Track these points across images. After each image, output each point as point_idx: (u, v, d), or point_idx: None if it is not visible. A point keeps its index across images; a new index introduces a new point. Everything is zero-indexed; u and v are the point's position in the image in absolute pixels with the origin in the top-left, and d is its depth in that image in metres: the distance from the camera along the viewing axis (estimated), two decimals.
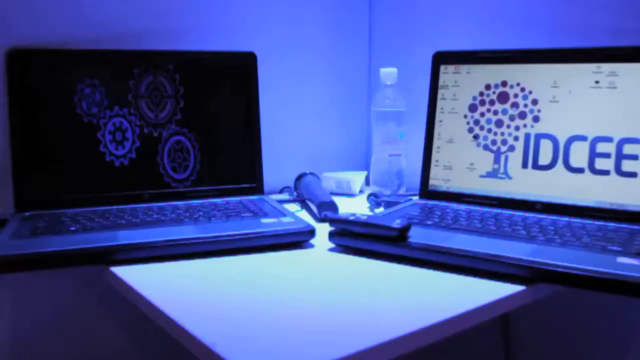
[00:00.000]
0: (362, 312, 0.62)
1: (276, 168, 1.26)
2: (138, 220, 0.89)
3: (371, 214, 1.01)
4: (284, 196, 1.18)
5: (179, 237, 0.80)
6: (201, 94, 1.07)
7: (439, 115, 1.06)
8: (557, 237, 0.80)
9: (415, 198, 1.06)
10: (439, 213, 0.94)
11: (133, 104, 1.02)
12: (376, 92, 1.23)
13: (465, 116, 1.03)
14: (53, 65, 0.97)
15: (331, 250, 0.84)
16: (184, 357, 0.68)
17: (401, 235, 0.78)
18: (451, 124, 1.04)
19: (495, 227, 0.85)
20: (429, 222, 0.88)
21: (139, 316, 0.86)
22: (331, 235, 0.83)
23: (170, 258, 0.78)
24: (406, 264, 0.77)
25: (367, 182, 1.29)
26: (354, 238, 0.81)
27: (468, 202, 1.01)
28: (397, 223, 0.78)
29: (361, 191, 1.27)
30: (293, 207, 1.11)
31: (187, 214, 0.93)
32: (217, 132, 1.08)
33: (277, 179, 1.25)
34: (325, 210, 1.00)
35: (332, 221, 0.83)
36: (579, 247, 0.75)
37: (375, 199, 1.09)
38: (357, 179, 1.25)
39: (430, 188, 1.06)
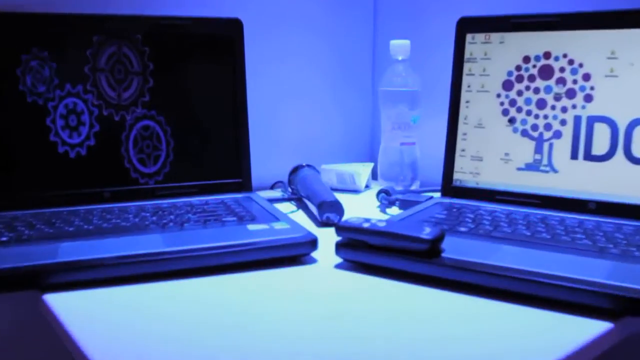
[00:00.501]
0: (377, 351, 0.43)
1: (266, 159, 1.07)
2: (91, 227, 0.70)
3: (386, 216, 0.82)
4: (276, 193, 0.99)
5: (138, 253, 0.61)
6: (175, 70, 0.87)
7: (465, 95, 0.87)
8: (633, 248, 0.61)
9: (437, 196, 0.88)
10: (471, 216, 0.75)
11: (90, 79, 0.83)
12: (384, 69, 1.03)
13: (499, 95, 0.84)
14: None
15: (338, 267, 0.65)
16: None
17: (433, 248, 0.59)
18: (481, 105, 0.85)
19: (549, 235, 0.66)
20: (462, 229, 0.69)
21: None
22: (339, 247, 0.64)
23: (124, 280, 0.59)
24: (440, 287, 0.58)
25: (373, 175, 1.10)
26: (369, 252, 0.62)
27: (503, 202, 0.82)
28: (427, 232, 0.59)
29: (367, 186, 1.08)
30: (287, 207, 0.92)
31: (155, 218, 0.73)
32: (194, 117, 0.88)
33: (268, 172, 1.06)
34: (328, 211, 0.81)
35: (340, 229, 0.64)
36: None
37: (386, 197, 0.90)
38: (362, 172, 1.06)
39: (455, 184, 0.87)
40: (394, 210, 0.90)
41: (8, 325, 0.85)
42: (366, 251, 0.62)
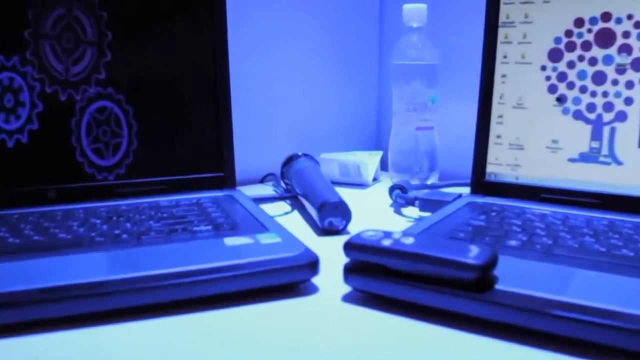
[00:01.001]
0: None
1: (255, 148, 0.89)
2: (17, 241, 0.52)
3: (403, 219, 0.66)
4: (267, 189, 0.82)
5: (69, 284, 0.44)
6: (139, 39, 0.69)
7: (500, 68, 0.69)
8: None
9: (464, 192, 0.71)
10: (518, 223, 0.58)
11: (30, 47, 0.65)
12: (395, 40, 0.86)
13: (544, 68, 0.67)
14: None
15: (347, 299, 0.47)
16: None
17: (483, 278, 0.42)
18: (521, 80, 0.68)
19: (631, 252, 0.49)
20: (512, 243, 0.52)
21: None
22: (349, 273, 0.47)
23: (47, 325, 0.42)
24: (491, 333, 0.41)
25: (382, 166, 0.93)
26: (391, 280, 0.45)
27: (550, 201, 0.65)
28: (474, 254, 0.42)
29: (375, 179, 0.91)
30: (279, 207, 0.75)
31: (106, 228, 0.56)
32: (162, 96, 0.71)
33: (257, 163, 0.89)
34: (331, 215, 0.64)
35: (351, 248, 0.46)
36: None
37: (402, 195, 0.73)
38: (369, 162, 0.88)
39: (488, 178, 0.70)
40: (412, 211, 0.73)
41: None
42: (386, 280, 0.45)
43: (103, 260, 0.48)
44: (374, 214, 0.73)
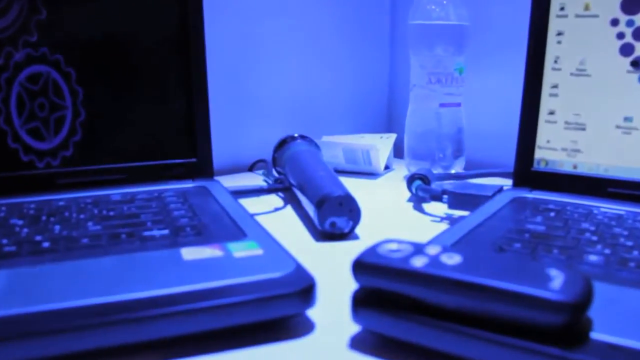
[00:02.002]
0: None
1: (241, 129, 0.74)
2: None
3: (429, 220, 0.51)
4: (256, 179, 0.67)
5: None
6: None
7: (555, 23, 0.53)
8: None
9: (505, 184, 0.55)
10: (590, 227, 0.42)
11: None
12: None
13: (615, 22, 0.51)
14: None
15: (355, 345, 0.32)
16: None
17: (575, 321, 0.27)
18: (584, 38, 0.52)
19: None
20: (591, 259, 0.36)
21: None
22: (358, 306, 0.31)
23: None
24: None
25: (396, 151, 0.77)
26: (424, 321, 0.29)
27: (621, 197, 0.50)
28: (557, 284, 0.27)
29: (387, 167, 0.76)
30: (269, 202, 0.59)
31: (25, 232, 0.41)
32: (121, 66, 0.55)
33: (244, 148, 0.73)
34: (334, 214, 0.49)
35: (364, 270, 0.31)
36: None
37: (424, 187, 0.57)
38: (381, 146, 0.73)
39: (537, 167, 0.54)
40: (435, 208, 0.57)
41: None
42: (416, 319, 0.29)
43: (2, 283, 0.33)
44: (389, 211, 0.57)
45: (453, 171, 0.70)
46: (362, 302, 0.31)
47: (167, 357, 0.30)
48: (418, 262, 0.29)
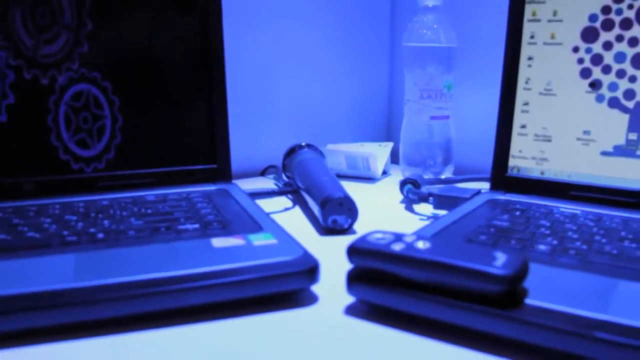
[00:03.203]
0: None
1: (254, 138, 0.83)
2: None
3: (415, 219, 0.59)
4: (267, 183, 0.76)
5: (31, 291, 0.37)
6: (124, 19, 0.63)
7: (526, 50, 0.62)
8: None
9: (483, 188, 0.64)
10: (546, 224, 0.51)
11: (2, 28, 0.59)
12: (408, 20, 0.79)
13: (576, 49, 0.60)
14: None
15: (351, 312, 0.41)
16: None
17: (512, 291, 0.35)
18: (550, 63, 0.61)
19: None
20: (541, 248, 0.45)
21: None
22: (353, 281, 0.40)
23: (8, 338, 0.36)
24: (520, 356, 0.34)
25: (393, 158, 0.86)
26: (402, 292, 0.38)
27: (580, 199, 0.58)
28: (500, 263, 0.35)
29: (385, 173, 0.84)
30: (280, 203, 0.68)
31: (81, 226, 0.50)
32: (152, 81, 0.64)
33: (257, 155, 0.82)
34: (335, 212, 0.58)
35: (355, 253, 0.40)
36: None
37: (414, 190, 0.66)
38: (379, 154, 0.82)
39: (510, 173, 0.63)
40: (425, 208, 0.66)
41: None
42: (396, 290, 0.38)
43: (71, 264, 0.42)
44: (383, 211, 0.66)
45: (443, 176, 0.79)
46: (355, 279, 0.40)
47: (204, 320, 0.39)
48: (397, 247, 0.38)
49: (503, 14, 0.63)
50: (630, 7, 0.57)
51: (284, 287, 0.41)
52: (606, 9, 0.58)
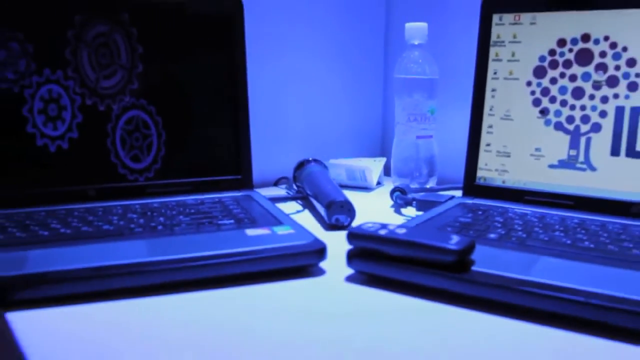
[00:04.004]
0: None
1: (269, 154, 0.98)
2: (68, 232, 0.61)
3: (402, 218, 0.74)
4: (280, 191, 0.91)
5: (119, 263, 0.53)
6: (166, 53, 0.78)
7: (491, 83, 0.78)
8: None
9: (457, 194, 0.79)
10: (499, 220, 0.66)
11: (72, 63, 0.74)
12: (398, 55, 0.94)
13: (529, 84, 0.75)
14: None
15: (350, 279, 0.56)
16: None
17: (461, 261, 0.51)
18: (509, 94, 0.76)
19: (592, 244, 0.57)
20: (491, 236, 0.60)
21: None
22: (351, 258, 0.56)
23: (101, 296, 0.51)
24: (469, 306, 0.49)
25: (385, 171, 1.01)
26: (386, 263, 0.53)
27: (533, 203, 0.73)
28: (454, 242, 0.51)
29: (379, 183, 0.99)
30: (292, 207, 0.83)
31: (142, 221, 0.65)
32: (188, 106, 0.80)
33: (271, 167, 0.97)
34: (338, 213, 0.73)
35: (353, 237, 0.55)
36: None
37: (402, 196, 0.81)
38: (374, 167, 0.97)
39: (478, 182, 0.78)
40: (410, 211, 0.81)
41: None
42: (382, 263, 0.54)
43: (143, 246, 0.57)
44: (376, 213, 0.81)
45: (428, 186, 0.94)
46: (352, 255, 0.55)
47: (243, 284, 0.54)
48: (382, 232, 0.53)
49: (475, 53, 0.78)
50: (570, 50, 0.73)
51: (300, 262, 0.57)
52: (552, 52, 0.74)
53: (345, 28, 1.06)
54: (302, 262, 0.57)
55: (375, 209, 0.83)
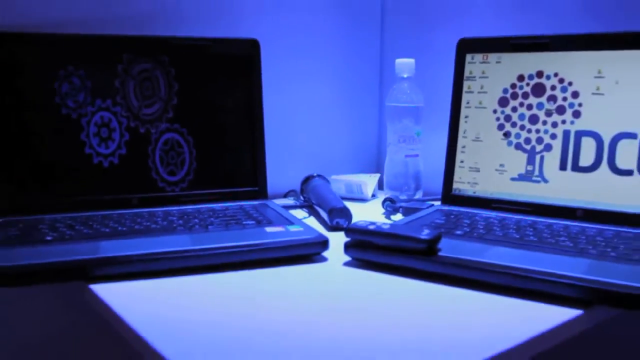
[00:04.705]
0: (383, 339, 0.51)
1: (280, 170, 1.14)
2: (124, 229, 0.78)
3: (389, 221, 0.90)
4: (289, 201, 1.07)
5: (171, 250, 0.69)
6: (197, 86, 0.95)
7: (464, 111, 0.94)
8: (609, 249, 0.69)
9: (437, 204, 0.95)
10: (467, 221, 0.82)
11: (120, 92, 0.91)
12: (390, 86, 1.11)
13: (495, 111, 0.92)
14: (27, 52, 0.86)
15: (347, 264, 0.72)
16: None
17: (430, 248, 0.67)
18: (478, 120, 0.93)
19: (536, 238, 0.73)
20: (458, 232, 0.76)
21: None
22: (347, 247, 0.72)
23: (159, 274, 0.67)
24: (436, 281, 0.66)
25: (379, 185, 1.18)
26: (374, 251, 0.70)
27: (498, 209, 0.89)
28: (425, 234, 0.67)
29: (374, 195, 1.16)
30: (300, 214, 0.99)
31: (181, 222, 0.81)
32: (215, 129, 0.96)
33: (282, 181, 1.14)
34: (338, 217, 0.89)
35: (349, 231, 0.71)
36: (638, 262, 0.64)
37: (391, 205, 0.97)
38: (369, 182, 1.13)
39: (454, 192, 0.94)
40: (398, 217, 0.97)
41: (60, 309, 0.93)
42: (372, 250, 0.70)
43: (185, 239, 0.73)
44: (370, 218, 0.97)
45: (416, 197, 1.10)
46: (349, 246, 0.71)
47: (263, 267, 0.70)
48: (371, 227, 0.70)
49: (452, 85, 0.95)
50: (528, 84, 0.89)
51: (308, 251, 0.73)
52: (513, 85, 0.90)
53: (346, 63, 1.23)
54: (309, 251, 0.73)
55: (369, 216, 0.99)
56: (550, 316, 0.56)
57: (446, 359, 0.48)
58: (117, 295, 0.62)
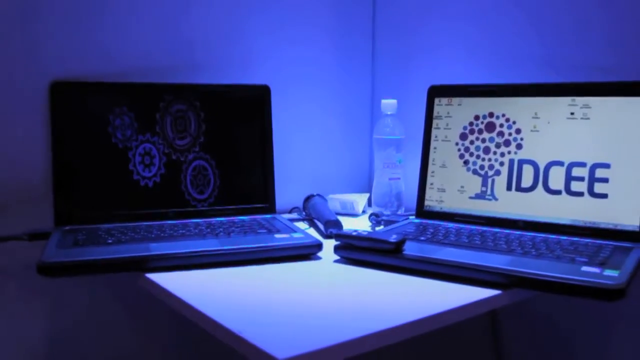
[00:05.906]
0: (361, 308, 0.74)
1: (286, 190, 1.38)
2: (166, 235, 1.01)
3: (371, 230, 1.13)
4: (294, 215, 1.30)
5: (204, 249, 0.92)
6: (221, 123, 1.19)
7: (433, 143, 1.18)
8: (533, 250, 0.91)
9: (412, 217, 1.18)
10: (431, 230, 1.05)
11: (159, 124, 1.14)
12: (378, 121, 1.35)
13: (457, 144, 1.15)
14: (90, 96, 1.10)
15: (336, 261, 0.95)
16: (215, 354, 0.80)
17: (397, 248, 0.90)
18: (444, 150, 1.16)
19: (480, 242, 0.96)
20: (422, 238, 0.99)
21: (170, 322, 0.98)
22: (336, 249, 0.95)
23: (195, 267, 0.90)
24: (401, 273, 0.88)
25: (369, 203, 1.41)
26: (356, 251, 0.93)
27: (459, 221, 1.12)
28: (393, 238, 0.90)
29: (364, 211, 1.39)
30: (302, 225, 1.22)
31: (209, 230, 1.05)
32: (234, 157, 1.20)
33: (287, 199, 1.37)
34: (331, 227, 1.12)
35: (337, 236, 0.95)
36: (551, 259, 0.87)
37: (376, 218, 1.20)
38: (360, 200, 1.36)
39: (425, 208, 1.17)
40: (381, 228, 1.20)
41: (106, 300, 1.16)
42: (354, 250, 0.93)
43: (215, 242, 0.97)
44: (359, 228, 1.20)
45: (398, 212, 1.33)
46: (338, 247, 0.95)
47: (270, 263, 0.93)
48: (354, 233, 0.93)
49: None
50: (482, 122, 1.13)
51: (307, 252, 0.96)
52: (471, 123, 1.14)
53: (342, 101, 1.47)
54: (308, 252, 0.97)
55: (358, 227, 1.22)
56: (476, 294, 0.79)
57: (401, 319, 0.71)
58: (165, 281, 0.85)
